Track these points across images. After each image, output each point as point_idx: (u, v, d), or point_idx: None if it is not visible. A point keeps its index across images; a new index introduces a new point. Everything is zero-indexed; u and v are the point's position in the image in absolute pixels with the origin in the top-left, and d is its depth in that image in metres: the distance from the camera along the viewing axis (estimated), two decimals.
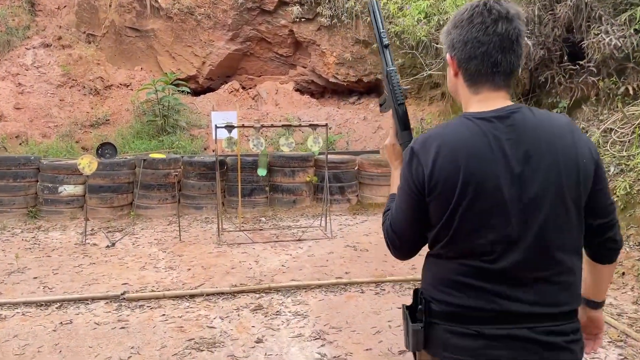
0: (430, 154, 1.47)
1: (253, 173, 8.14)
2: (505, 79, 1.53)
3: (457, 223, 1.46)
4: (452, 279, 1.51)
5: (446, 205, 1.46)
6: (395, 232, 1.61)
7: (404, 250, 1.63)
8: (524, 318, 1.45)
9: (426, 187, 1.48)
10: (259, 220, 7.89)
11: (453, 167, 1.44)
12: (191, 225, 7.63)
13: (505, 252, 1.44)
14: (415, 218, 1.55)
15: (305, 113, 11.70)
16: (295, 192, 8.24)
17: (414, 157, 1.51)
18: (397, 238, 1.61)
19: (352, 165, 8.48)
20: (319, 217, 8.00)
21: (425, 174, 1.47)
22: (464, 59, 1.53)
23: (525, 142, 1.45)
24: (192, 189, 8.00)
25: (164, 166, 7.90)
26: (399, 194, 1.59)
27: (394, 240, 1.62)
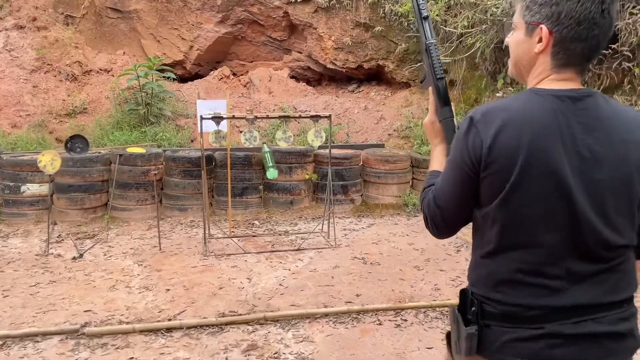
0: (493, 127, 1.33)
1: (245, 169, 7.08)
2: (590, 64, 1.45)
3: (512, 206, 1.33)
4: (507, 276, 1.37)
5: (501, 185, 1.33)
6: (438, 207, 1.49)
7: (446, 228, 1.52)
8: (586, 310, 1.34)
9: (482, 161, 1.34)
10: (252, 224, 6.85)
11: (516, 144, 1.31)
12: (174, 230, 6.57)
13: (565, 244, 1.33)
14: (464, 194, 1.43)
15: (302, 102, 10.62)
16: (292, 191, 7.20)
17: (472, 128, 1.36)
18: (440, 214, 1.49)
19: (356, 161, 7.43)
20: (319, 220, 6.97)
21: (484, 147, 1.33)
22: (570, 38, 1.35)
23: (596, 130, 1.34)
24: (176, 188, 6.93)
25: (143, 162, 6.82)
26: (448, 167, 1.47)
27: (435, 216, 1.50)
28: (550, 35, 1.37)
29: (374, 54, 11.05)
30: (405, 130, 9.72)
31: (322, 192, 7.32)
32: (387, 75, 11.20)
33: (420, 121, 9.68)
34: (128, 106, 9.60)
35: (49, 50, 10.94)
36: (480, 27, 9.20)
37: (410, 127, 9.66)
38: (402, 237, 6.29)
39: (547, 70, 1.41)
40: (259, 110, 10.33)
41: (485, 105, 1.43)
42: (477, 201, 1.42)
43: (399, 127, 9.78)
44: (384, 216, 7.16)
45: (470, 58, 9.77)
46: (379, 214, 7.24)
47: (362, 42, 11.02)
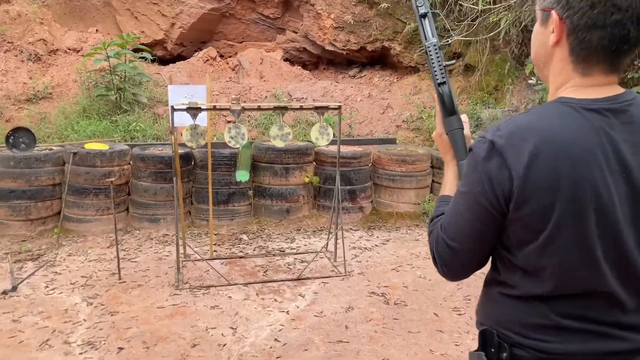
0: (523, 154, 1.07)
1: (231, 171, 5.65)
2: (624, 60, 1.14)
3: (555, 251, 1.09)
4: (548, 322, 1.14)
5: (539, 227, 1.08)
6: (449, 246, 1.21)
7: (458, 270, 1.25)
8: (635, 353, 1.15)
9: (513, 199, 1.08)
10: (239, 238, 5.44)
11: (555, 177, 1.06)
12: (141, 247, 5.14)
13: (615, 287, 1.12)
14: (483, 232, 1.17)
15: (297, 88, 9.15)
16: (289, 197, 5.78)
17: (496, 156, 1.10)
18: (451, 254, 1.22)
19: (366, 161, 6.01)
20: (321, 234, 5.57)
21: (515, 181, 1.07)
22: (583, 25, 1.10)
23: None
24: (145, 195, 5.49)
25: (104, 162, 5.36)
26: (462, 200, 1.19)
27: (444, 256, 1.23)
28: (561, 22, 1.13)
29: (378, 35, 9.58)
30: (416, 122, 8.31)
31: (325, 199, 5.92)
32: (393, 58, 9.75)
33: (432, 111, 8.28)
34: (96, 91, 8.08)
35: (9, 26, 9.34)
36: (505, 2, 7.78)
37: (422, 118, 8.25)
38: (428, 259, 4.92)
39: (568, 72, 1.17)
40: (248, 97, 8.85)
41: (504, 123, 1.13)
42: (501, 241, 1.17)
43: (409, 117, 8.37)
44: (399, 228, 5.77)
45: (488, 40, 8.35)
46: (394, 226, 5.85)
47: (365, 20, 9.55)
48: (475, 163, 1.14)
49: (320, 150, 5.95)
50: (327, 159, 5.87)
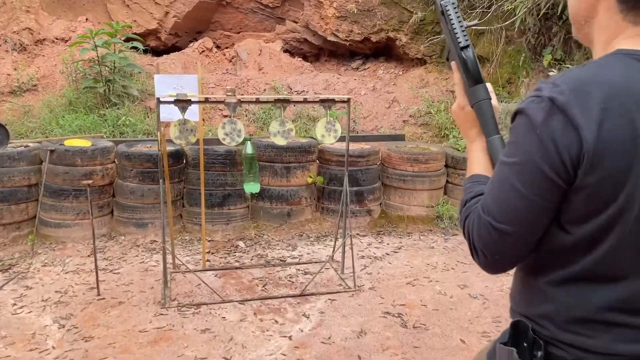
0: (593, 110, 0.90)
1: (226, 170, 5.07)
2: None
3: (625, 225, 0.93)
4: (593, 314, 0.97)
5: (612, 194, 0.92)
6: (497, 230, 0.99)
7: (508, 259, 1.03)
8: None
9: (583, 163, 0.91)
10: (235, 245, 4.86)
11: (631, 135, 0.90)
12: (126, 256, 4.57)
13: None
14: (544, 208, 0.96)
15: (297, 80, 8.56)
16: (290, 199, 5.21)
17: (558, 113, 0.92)
18: (501, 239, 0.99)
19: (375, 159, 5.43)
20: (325, 240, 5.00)
21: (585, 142, 0.90)
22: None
23: None
24: (131, 196, 4.91)
25: (84, 160, 4.78)
26: (512, 171, 0.98)
27: (490, 243, 1.01)
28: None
29: (383, 25, 8.98)
30: (424, 117, 7.73)
31: (330, 201, 5.35)
32: (399, 50, 9.15)
33: (442, 105, 7.71)
34: (84, 83, 7.48)
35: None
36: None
37: (431, 113, 7.67)
38: (446, 271, 4.35)
39: (618, 24, 1.00)
40: (246, 90, 8.26)
41: (561, 78, 0.96)
42: (556, 217, 0.98)
43: (416, 112, 7.79)
44: (411, 234, 5.20)
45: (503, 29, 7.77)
46: (405, 231, 5.28)
47: (369, 9, 8.95)
48: (530, 126, 0.95)
49: (325, 147, 5.37)
50: (332, 158, 5.29)
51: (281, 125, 3.90)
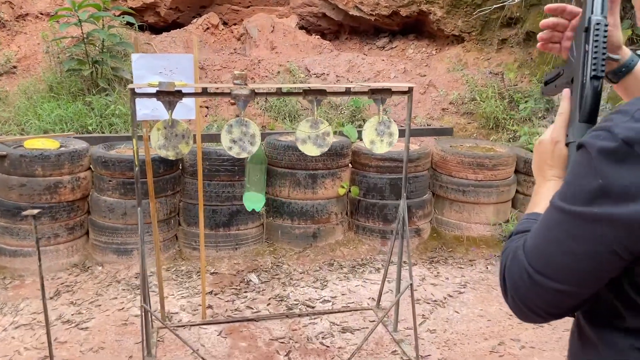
0: None
1: (234, 180, 3.81)
2: None
3: None
4: None
5: None
6: (532, 280, 0.82)
7: (541, 312, 0.84)
8: None
9: None
10: (246, 281, 3.62)
11: None
12: (100, 299, 3.33)
13: None
14: (602, 272, 0.78)
15: (316, 61, 7.24)
16: (316, 216, 3.95)
17: (632, 160, 0.72)
18: (535, 289, 0.82)
19: (425, 163, 4.14)
20: (363, 271, 3.75)
21: None
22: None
23: None
24: (111, 215, 3.67)
25: (47, 168, 3.53)
26: (568, 221, 0.79)
27: (522, 287, 0.84)
28: None
29: None
30: (467, 104, 6.41)
31: (366, 217, 4.08)
32: (432, 25, 7.78)
33: (490, 90, 6.37)
34: (66, 64, 6.20)
35: None
36: None
37: (476, 100, 6.35)
38: (540, 329, 3.09)
39: None
40: (257, 73, 6.94)
41: (627, 106, 0.77)
42: (632, 279, 0.78)
43: (457, 98, 6.48)
44: (474, 262, 3.93)
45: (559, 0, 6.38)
46: (466, 257, 4.00)
47: None
48: (604, 168, 0.74)
49: (360, 149, 4.09)
50: (370, 162, 4.00)
51: (313, 127, 2.63)
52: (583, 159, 0.78)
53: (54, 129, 5.59)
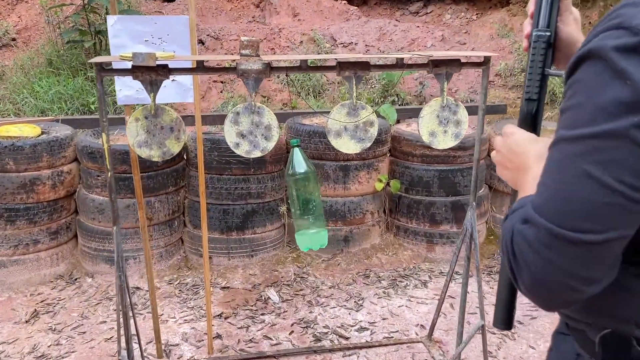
0: None
1: (248, 173, 3.09)
2: None
3: None
4: None
5: None
6: (557, 238, 0.62)
7: (591, 278, 0.64)
8: None
9: None
10: (264, 299, 2.94)
11: None
12: (86, 323, 2.68)
13: None
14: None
15: (343, 29, 6.40)
16: (349, 216, 3.22)
17: None
18: (564, 251, 0.63)
19: (481, 150, 3.36)
20: (406, 285, 3.03)
21: None
22: None
23: None
24: (101, 217, 3.00)
25: (22, 161, 2.86)
26: (587, 149, 0.61)
27: (545, 254, 0.64)
28: None
29: None
30: (517, 76, 5.55)
31: (409, 217, 3.32)
32: None
33: None
34: (65, 34, 5.48)
35: None
36: None
37: None
38: None
39: None
40: (278, 43, 6.14)
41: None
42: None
43: (504, 69, 5.61)
44: None
45: None
46: None
47: None
48: (614, 75, 0.60)
49: (401, 133, 3.31)
50: (415, 150, 3.22)
51: (351, 115, 1.87)
52: (593, 70, 0.63)
53: (52, 108, 4.93)
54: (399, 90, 5.47)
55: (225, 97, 5.47)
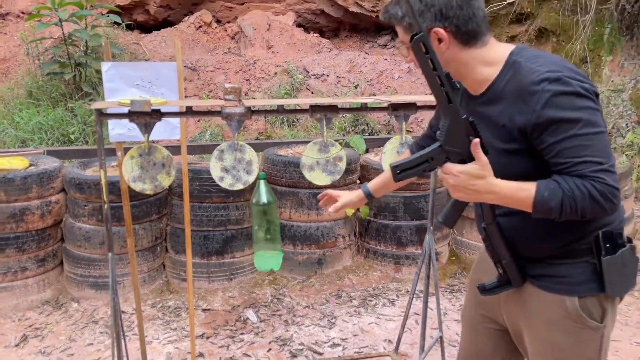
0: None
1: (228, 201, 3.31)
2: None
3: None
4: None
5: None
6: (613, 174, 1.12)
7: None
8: None
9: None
10: (243, 320, 3.14)
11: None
12: (74, 345, 2.82)
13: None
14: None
15: (315, 61, 6.73)
16: (322, 240, 3.46)
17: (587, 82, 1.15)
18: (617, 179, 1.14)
19: (437, 181, 3.67)
20: (375, 304, 3.27)
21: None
22: (463, 22, 1.20)
23: None
24: (87, 244, 3.16)
25: (12, 193, 3.02)
26: (597, 132, 1.12)
27: (615, 184, 1.12)
28: (446, 33, 1.21)
29: None
30: None
31: (378, 240, 3.58)
32: None
33: None
34: (45, 66, 5.65)
35: None
36: None
37: None
38: None
39: (475, 53, 1.24)
40: (253, 74, 6.42)
41: (556, 62, 1.16)
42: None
43: None
44: None
45: None
46: None
47: None
48: (592, 101, 1.12)
49: (369, 162, 3.59)
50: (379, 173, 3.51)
51: (323, 152, 2.13)
52: (582, 97, 1.13)
53: (33, 138, 5.08)
54: (369, 120, 5.78)
55: (202, 127, 5.69)
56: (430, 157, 1.20)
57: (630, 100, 5.33)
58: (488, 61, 1.24)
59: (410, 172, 1.23)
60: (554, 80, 1.10)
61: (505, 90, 1.20)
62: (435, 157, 1.20)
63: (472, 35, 1.22)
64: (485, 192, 1.16)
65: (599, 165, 1.09)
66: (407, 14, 1.23)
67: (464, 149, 1.16)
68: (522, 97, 1.15)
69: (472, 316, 1.54)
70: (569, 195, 1.09)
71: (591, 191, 1.08)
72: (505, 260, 1.28)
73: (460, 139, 1.16)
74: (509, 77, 1.20)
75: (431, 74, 1.11)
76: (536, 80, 1.12)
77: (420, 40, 1.07)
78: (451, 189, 1.20)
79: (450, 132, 1.16)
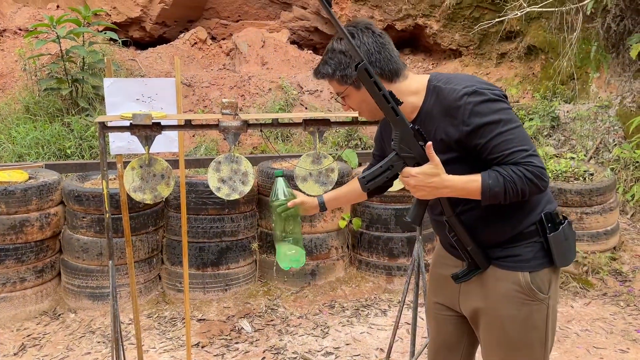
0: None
1: (223, 213, 3.40)
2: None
3: None
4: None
5: None
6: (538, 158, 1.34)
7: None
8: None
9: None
10: (238, 329, 3.21)
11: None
12: (71, 355, 2.90)
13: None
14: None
15: (309, 78, 6.87)
16: (315, 251, 3.56)
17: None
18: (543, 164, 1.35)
19: None
20: (367, 314, 3.35)
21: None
22: (385, 63, 1.42)
23: None
24: (85, 255, 3.24)
25: (12, 205, 3.10)
26: (514, 122, 1.35)
27: (543, 171, 1.33)
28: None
29: (411, 9, 7.29)
30: None
31: (370, 252, 3.68)
32: (428, 39, 7.46)
33: None
34: (42, 82, 5.76)
35: None
36: None
37: None
38: None
39: (397, 88, 1.43)
40: (247, 89, 6.56)
41: (468, 79, 1.41)
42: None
43: None
44: None
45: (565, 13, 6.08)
46: None
47: None
48: (504, 102, 1.36)
49: None
50: None
51: (315, 163, 2.24)
52: (497, 100, 1.35)
53: (30, 153, 5.16)
54: (362, 135, 5.91)
55: (197, 142, 5.80)
56: (390, 165, 1.40)
57: (617, 116, 5.48)
58: (412, 91, 1.44)
59: (376, 181, 1.44)
60: (472, 93, 1.31)
61: (433, 111, 1.39)
62: (394, 164, 1.39)
63: (394, 72, 1.42)
64: (441, 187, 1.34)
65: (526, 152, 1.30)
66: (346, 50, 1.41)
67: (416, 152, 1.35)
68: (450, 113, 1.34)
69: (433, 308, 1.68)
70: (509, 180, 1.29)
71: (525, 174, 1.29)
72: (470, 247, 1.43)
73: (412, 144, 1.35)
74: (433, 100, 1.39)
75: (378, 94, 1.30)
76: (458, 97, 1.33)
77: (364, 68, 1.27)
78: (413, 190, 1.38)
79: (403, 140, 1.35)
